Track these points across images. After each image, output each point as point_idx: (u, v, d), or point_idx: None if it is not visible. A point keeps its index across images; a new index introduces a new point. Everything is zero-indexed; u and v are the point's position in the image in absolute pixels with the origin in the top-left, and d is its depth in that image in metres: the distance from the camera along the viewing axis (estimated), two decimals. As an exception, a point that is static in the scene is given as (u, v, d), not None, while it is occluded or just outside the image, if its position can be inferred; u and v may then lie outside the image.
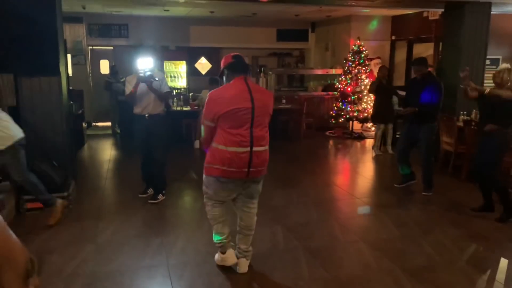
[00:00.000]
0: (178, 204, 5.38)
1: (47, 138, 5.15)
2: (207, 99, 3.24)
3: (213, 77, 7.39)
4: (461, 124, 6.55)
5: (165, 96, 5.21)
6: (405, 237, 4.31)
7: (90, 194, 5.58)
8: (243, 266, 3.56)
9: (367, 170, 7.32)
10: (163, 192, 5.37)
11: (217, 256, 3.66)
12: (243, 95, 3.18)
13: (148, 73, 4.95)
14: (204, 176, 3.43)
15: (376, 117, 8.13)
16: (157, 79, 5.01)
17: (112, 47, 11.52)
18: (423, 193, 5.62)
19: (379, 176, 6.91)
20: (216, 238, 3.55)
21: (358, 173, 7.17)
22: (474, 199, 5.14)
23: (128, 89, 5.04)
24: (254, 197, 3.54)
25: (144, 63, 5.01)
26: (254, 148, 3.21)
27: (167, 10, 9.93)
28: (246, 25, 11.76)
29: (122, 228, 4.47)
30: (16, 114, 5.18)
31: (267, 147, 3.35)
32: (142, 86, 4.98)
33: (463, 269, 3.68)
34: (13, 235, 0.50)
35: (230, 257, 3.57)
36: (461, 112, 6.84)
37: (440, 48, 8.20)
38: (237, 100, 3.15)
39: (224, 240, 3.53)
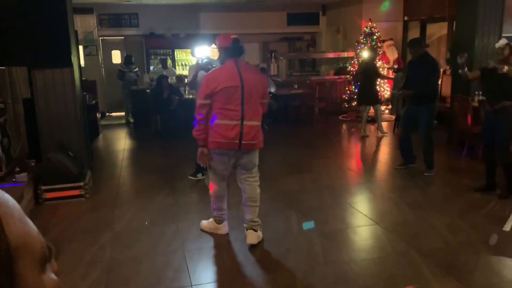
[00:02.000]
0: (192, 191, 5.43)
1: (62, 129, 5.23)
2: (203, 80, 3.63)
3: None
4: (476, 104, 6.45)
5: None
6: (420, 219, 4.30)
7: (106, 183, 5.67)
8: (251, 237, 3.73)
9: (380, 153, 7.28)
10: (203, 172, 5.51)
11: (208, 223, 4.03)
12: (233, 75, 3.53)
13: (205, 60, 5.27)
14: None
15: (360, 99, 8.31)
16: (214, 66, 5.14)
17: (123, 37, 11.55)
18: (425, 173, 5.65)
19: (393, 159, 6.86)
20: (216, 213, 3.92)
21: (371, 156, 7.13)
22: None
23: (189, 77, 5.27)
24: (249, 169, 3.77)
25: (203, 52, 5.41)
26: (245, 122, 3.52)
27: (177, -2, 9.90)
28: (256, 10, 11.66)
29: (138, 216, 4.55)
30: (31, 106, 5.28)
31: (258, 123, 3.64)
32: (201, 74, 5.20)
33: (479, 250, 3.66)
34: (29, 221, 0.52)
35: (224, 228, 3.97)
36: (476, 92, 6.73)
37: (454, 28, 8.04)
38: (228, 79, 3.51)
39: (223, 214, 3.92)
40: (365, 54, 8.50)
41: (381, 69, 8.95)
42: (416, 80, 5.46)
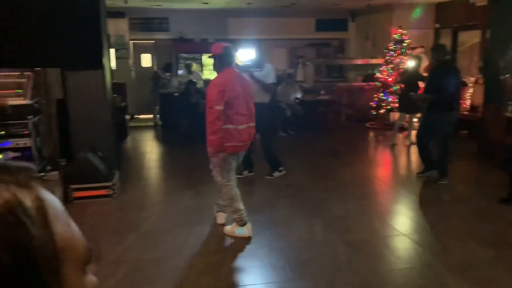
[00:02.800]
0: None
1: (92, 129, 5.34)
2: (214, 87, 3.75)
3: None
4: (509, 114, 6.27)
5: (267, 86, 5.55)
6: (449, 232, 4.19)
7: (133, 184, 5.76)
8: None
9: (409, 162, 7.15)
10: (279, 169, 5.85)
11: (232, 227, 4.05)
12: (238, 82, 3.85)
13: (247, 63, 5.57)
14: (217, 158, 3.89)
15: (401, 107, 8.11)
16: (257, 69, 5.46)
17: (153, 41, 11.76)
18: (439, 182, 5.60)
19: (421, 168, 6.72)
20: (237, 215, 3.97)
21: (398, 165, 7.02)
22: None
23: None
24: (240, 164, 4.31)
25: (246, 55, 5.68)
26: (249, 124, 3.93)
27: (206, 3, 10.01)
28: (284, 15, 11.67)
29: (163, 217, 4.60)
30: (64, 107, 5.42)
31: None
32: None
33: (509, 266, 3.54)
34: (72, 222, 0.53)
35: (249, 228, 4.00)
36: (509, 103, 6.53)
37: (488, 36, 7.84)
38: (236, 86, 3.80)
39: (244, 214, 3.97)
40: (411, 63, 8.26)
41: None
42: (433, 87, 5.42)
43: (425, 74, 9.59)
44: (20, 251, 0.41)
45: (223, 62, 3.87)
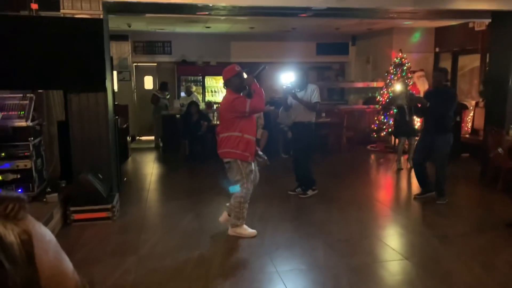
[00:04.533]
0: (218, 217, 5.39)
1: (93, 151, 5.34)
2: (241, 100, 4.33)
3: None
4: (510, 138, 6.26)
5: (310, 105, 5.81)
6: (452, 255, 4.13)
7: (133, 206, 5.72)
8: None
9: (410, 185, 7.10)
10: (313, 188, 6.08)
11: (246, 230, 4.54)
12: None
13: (289, 85, 5.97)
14: (239, 163, 4.36)
15: (397, 132, 8.20)
16: (298, 90, 5.83)
17: (156, 64, 11.88)
18: (437, 202, 5.68)
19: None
20: (243, 216, 4.52)
21: (400, 188, 6.97)
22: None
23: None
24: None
25: (287, 78, 6.47)
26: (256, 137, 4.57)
27: (209, 27, 10.16)
28: (285, 39, 11.82)
29: (163, 240, 4.54)
30: (65, 128, 5.43)
31: None
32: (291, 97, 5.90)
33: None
34: (66, 258, 0.50)
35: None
36: (510, 126, 6.54)
37: (487, 60, 7.90)
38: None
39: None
40: (398, 87, 8.44)
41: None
42: (432, 109, 5.50)
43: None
44: None
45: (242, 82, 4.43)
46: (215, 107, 9.85)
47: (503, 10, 6.43)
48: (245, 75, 4.49)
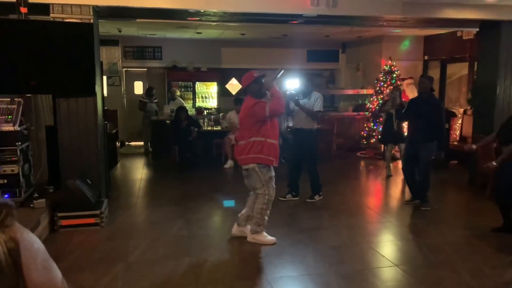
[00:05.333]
0: (208, 224, 5.37)
1: (82, 156, 5.28)
2: (261, 105, 4.28)
3: (238, 98, 7.68)
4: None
5: (312, 114, 5.89)
6: (442, 263, 4.14)
7: (122, 212, 5.66)
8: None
9: (399, 192, 7.14)
10: (320, 193, 6.19)
11: (265, 237, 4.50)
12: None
13: (292, 92, 5.98)
14: (258, 170, 4.33)
15: (383, 139, 8.22)
16: (301, 97, 5.85)
17: (146, 69, 11.83)
18: (422, 208, 5.77)
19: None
20: (263, 223, 4.52)
21: (390, 195, 7.00)
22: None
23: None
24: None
25: (292, 84, 6.55)
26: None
27: (200, 33, 10.16)
28: (276, 46, 11.87)
29: (152, 247, 4.49)
30: (53, 133, 5.37)
31: None
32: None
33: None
34: (54, 266, 0.48)
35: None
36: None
37: (475, 68, 8.01)
38: None
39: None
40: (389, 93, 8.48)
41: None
42: (418, 117, 5.63)
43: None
44: None
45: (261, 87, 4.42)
46: (205, 113, 9.84)
47: (491, 19, 6.54)
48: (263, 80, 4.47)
